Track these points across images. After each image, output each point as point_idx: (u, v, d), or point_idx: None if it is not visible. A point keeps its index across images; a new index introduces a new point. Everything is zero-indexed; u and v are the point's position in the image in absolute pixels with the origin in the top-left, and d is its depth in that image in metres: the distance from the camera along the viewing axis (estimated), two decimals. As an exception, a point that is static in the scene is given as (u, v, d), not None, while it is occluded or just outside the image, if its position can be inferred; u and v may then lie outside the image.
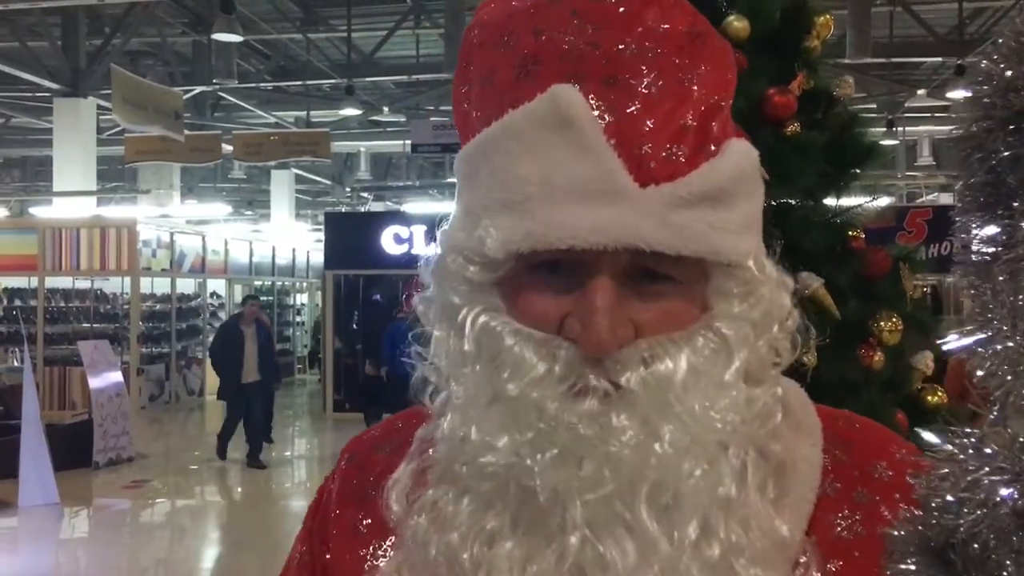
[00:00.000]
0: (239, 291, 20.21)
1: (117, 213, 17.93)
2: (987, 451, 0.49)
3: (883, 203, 3.99)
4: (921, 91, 16.68)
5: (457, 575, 0.72)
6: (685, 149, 0.70)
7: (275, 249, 22.28)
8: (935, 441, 0.52)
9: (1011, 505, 0.47)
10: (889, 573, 0.53)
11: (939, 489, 0.50)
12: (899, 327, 2.64)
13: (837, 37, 11.27)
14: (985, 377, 0.50)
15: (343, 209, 23.95)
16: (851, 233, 2.72)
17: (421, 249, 0.81)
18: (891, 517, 0.70)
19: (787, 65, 2.72)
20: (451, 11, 13.16)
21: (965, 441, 0.50)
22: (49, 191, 17.11)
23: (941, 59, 16.23)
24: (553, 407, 0.69)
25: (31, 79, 15.01)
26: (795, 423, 0.79)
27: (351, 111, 17.18)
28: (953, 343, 0.53)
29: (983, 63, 0.52)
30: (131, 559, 7.79)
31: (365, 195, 24.59)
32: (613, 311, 0.68)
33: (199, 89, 17.32)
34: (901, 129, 19.57)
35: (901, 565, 0.52)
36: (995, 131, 0.51)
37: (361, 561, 0.82)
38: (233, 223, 25.72)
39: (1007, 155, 0.50)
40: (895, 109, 18.55)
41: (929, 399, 2.73)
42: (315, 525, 0.91)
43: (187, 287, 18.47)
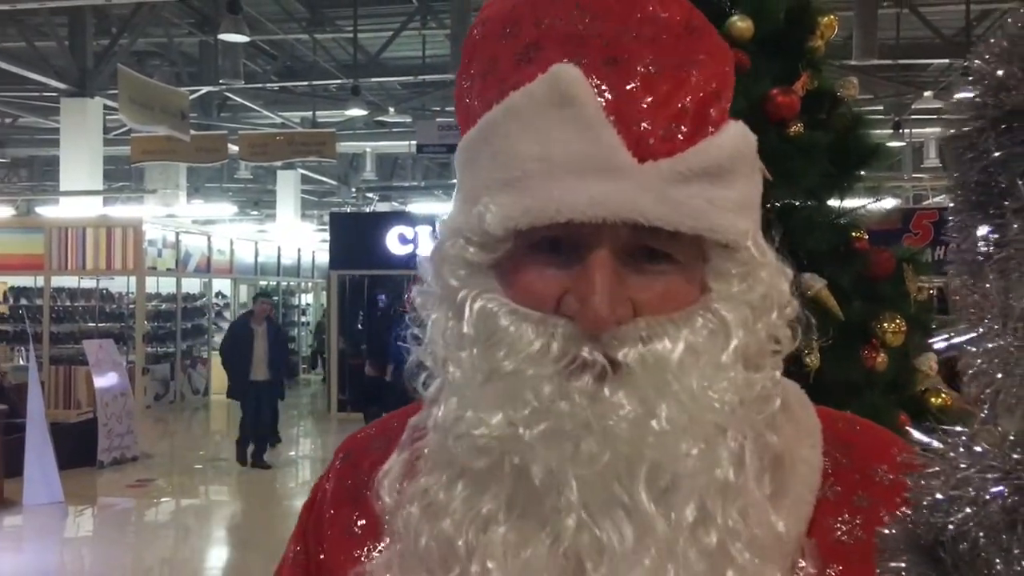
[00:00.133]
0: (244, 291, 20.26)
1: (123, 213, 17.98)
2: (977, 449, 0.49)
3: (888, 204, 3.97)
4: (928, 93, 16.64)
5: (450, 564, 0.71)
6: (684, 128, 0.71)
7: (280, 249, 22.33)
8: (925, 440, 0.52)
9: (1001, 503, 0.47)
10: (879, 571, 0.53)
11: (929, 487, 0.50)
12: (902, 328, 2.63)
13: (843, 39, 11.27)
14: (976, 375, 0.50)
15: (348, 209, 23.95)
16: (855, 234, 2.72)
17: (424, 249, 0.81)
18: (891, 521, 0.70)
19: (791, 65, 2.71)
20: (457, 12, 13.19)
21: (955, 439, 0.50)
22: (55, 191, 17.15)
23: (948, 61, 16.18)
24: (549, 384, 0.68)
25: (38, 79, 15.04)
26: (795, 421, 0.78)
27: (357, 111, 17.18)
28: (944, 342, 0.53)
29: (975, 63, 0.52)
30: (135, 558, 7.80)
31: (371, 195, 24.61)
32: (612, 287, 0.68)
33: (205, 89, 17.37)
34: (908, 131, 19.51)
35: (891, 563, 0.52)
36: (987, 131, 0.51)
37: (355, 562, 0.82)
38: (239, 223, 25.76)
39: (998, 155, 0.50)
40: (902, 111, 18.50)
41: (933, 401, 2.72)
42: (310, 524, 0.91)
43: (192, 287, 18.53)
